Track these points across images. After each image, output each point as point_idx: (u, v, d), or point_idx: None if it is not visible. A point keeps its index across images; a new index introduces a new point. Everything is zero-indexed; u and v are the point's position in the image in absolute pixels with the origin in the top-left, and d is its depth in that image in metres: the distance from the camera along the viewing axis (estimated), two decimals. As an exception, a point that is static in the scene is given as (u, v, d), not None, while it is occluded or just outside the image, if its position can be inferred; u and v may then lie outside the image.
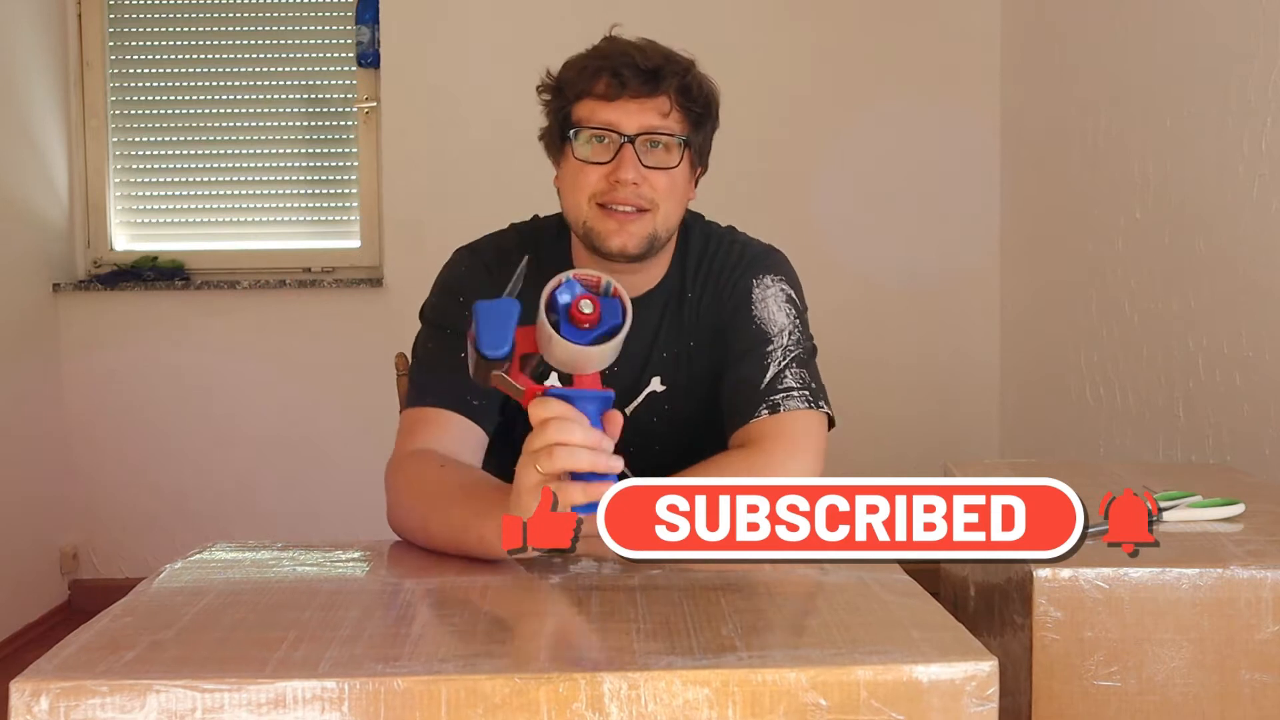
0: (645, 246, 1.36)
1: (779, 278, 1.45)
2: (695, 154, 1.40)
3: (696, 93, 1.36)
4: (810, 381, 1.37)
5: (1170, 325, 2.46)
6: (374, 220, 3.54)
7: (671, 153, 1.36)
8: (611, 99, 1.33)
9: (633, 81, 1.32)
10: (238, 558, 1.16)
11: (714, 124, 1.42)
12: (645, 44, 1.37)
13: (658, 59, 1.34)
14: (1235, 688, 1.15)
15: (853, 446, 3.56)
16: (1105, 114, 2.79)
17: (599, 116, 1.34)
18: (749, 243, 1.50)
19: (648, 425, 1.45)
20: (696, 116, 1.37)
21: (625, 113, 1.34)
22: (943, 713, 0.82)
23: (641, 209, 1.35)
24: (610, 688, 0.81)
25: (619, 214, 1.34)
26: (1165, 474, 1.64)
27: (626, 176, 1.33)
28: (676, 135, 1.35)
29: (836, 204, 3.49)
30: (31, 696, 0.80)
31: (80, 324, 3.44)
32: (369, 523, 1.45)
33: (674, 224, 1.39)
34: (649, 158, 1.34)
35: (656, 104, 1.34)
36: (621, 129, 1.33)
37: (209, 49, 3.54)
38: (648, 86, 1.33)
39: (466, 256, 1.48)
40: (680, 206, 1.40)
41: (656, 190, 1.35)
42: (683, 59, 1.37)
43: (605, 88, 1.33)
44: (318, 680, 0.80)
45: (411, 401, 1.39)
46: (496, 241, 1.50)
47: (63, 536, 3.44)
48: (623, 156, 1.33)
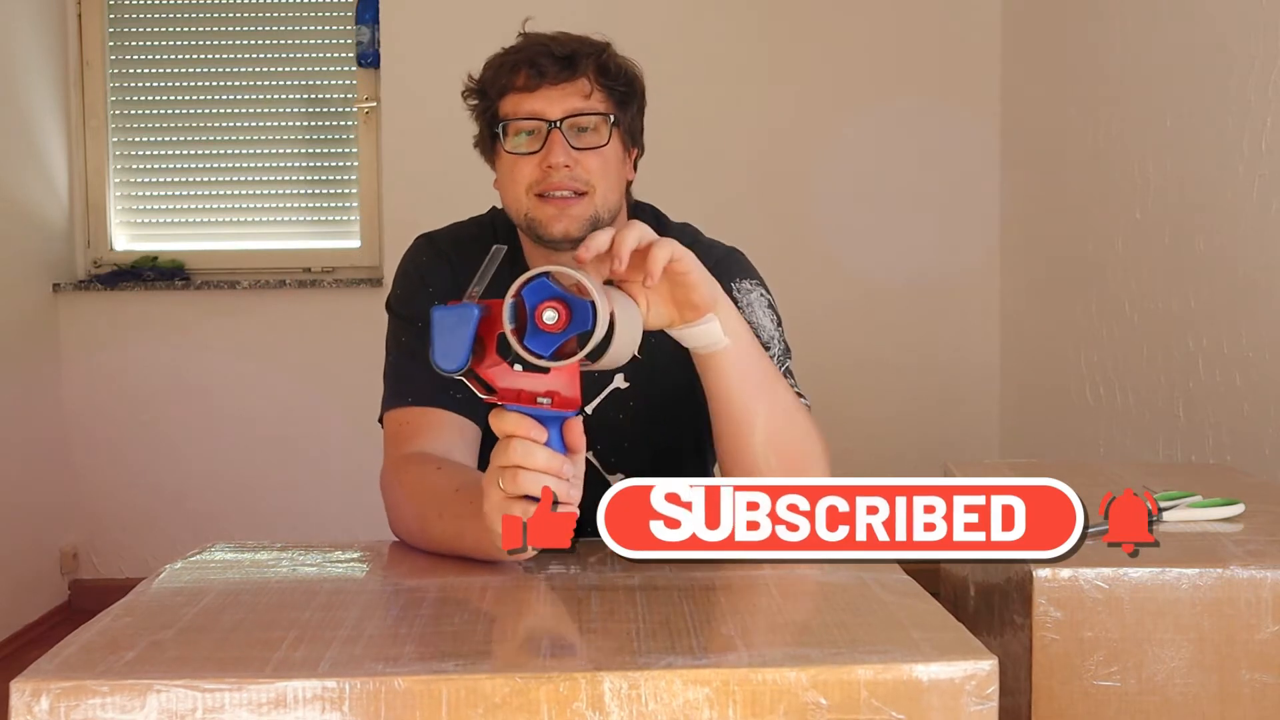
0: (588, 229, 1.34)
1: (756, 282, 1.44)
2: (625, 133, 1.40)
3: (615, 71, 1.37)
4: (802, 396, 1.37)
5: (1170, 325, 2.46)
6: (374, 220, 3.54)
7: (600, 132, 1.36)
8: (532, 89, 1.34)
9: (550, 69, 1.34)
10: (237, 558, 1.16)
11: (640, 102, 1.42)
12: (558, 34, 1.38)
13: (572, 44, 1.36)
14: (1235, 688, 1.15)
15: (853, 446, 3.57)
16: (1105, 114, 2.79)
17: (523, 108, 1.35)
18: (713, 244, 1.48)
19: (614, 422, 1.43)
20: (620, 95, 1.38)
21: (548, 100, 1.34)
22: (943, 712, 0.82)
23: (579, 192, 1.34)
24: (610, 687, 0.81)
25: (556, 199, 1.34)
26: (1165, 474, 1.64)
27: (558, 160, 1.32)
28: (602, 113, 1.36)
29: (836, 204, 3.49)
30: (32, 696, 0.80)
31: (80, 324, 3.44)
32: (369, 523, 1.45)
33: (613, 203, 1.38)
34: (578, 140, 1.35)
35: (577, 86, 1.35)
36: (546, 116, 1.34)
37: (209, 49, 3.54)
38: (566, 71, 1.34)
39: (426, 245, 1.48)
40: (617, 186, 1.39)
41: (590, 171, 1.35)
42: (597, 41, 1.38)
43: (525, 79, 1.34)
44: (318, 680, 0.80)
45: (391, 401, 1.37)
46: (455, 232, 1.49)
47: (63, 536, 3.44)
48: (551, 142, 1.33)
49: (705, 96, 3.39)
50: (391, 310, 1.45)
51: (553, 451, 0.97)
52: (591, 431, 1.38)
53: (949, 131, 3.52)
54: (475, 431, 1.36)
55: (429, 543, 1.19)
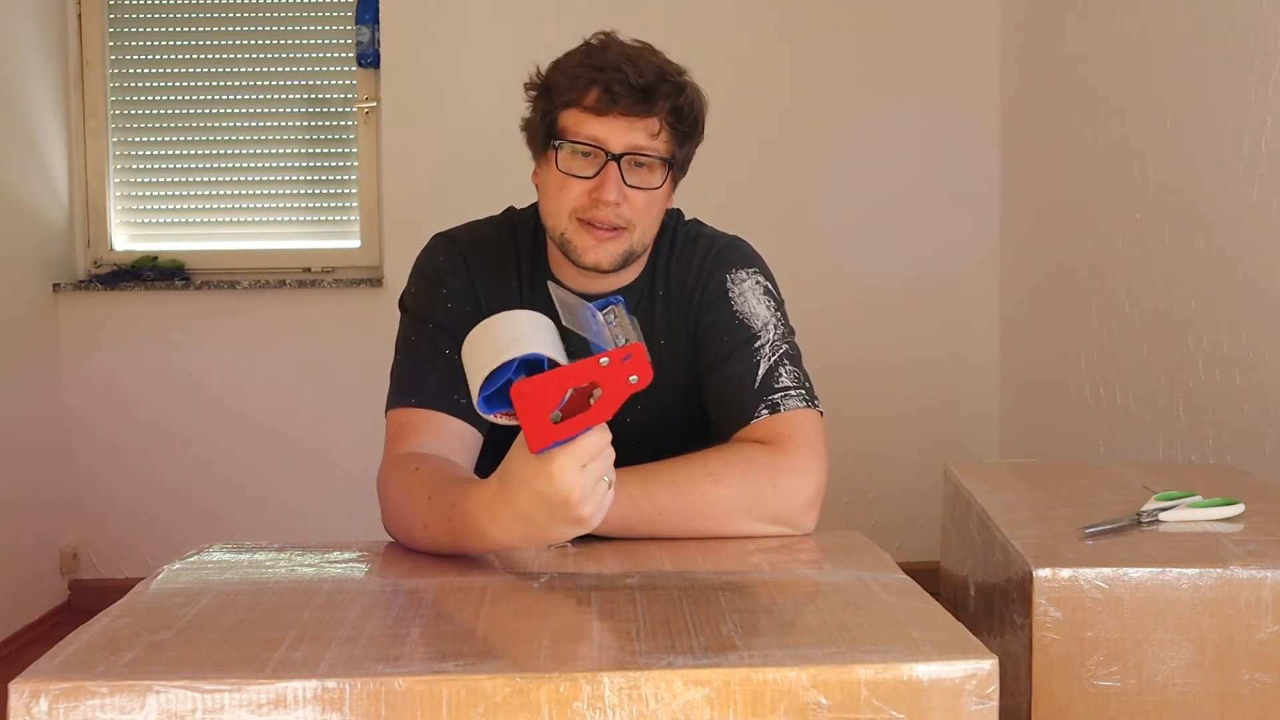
0: (619, 263, 1.35)
1: (753, 270, 1.43)
2: (678, 169, 1.38)
3: (688, 112, 1.33)
4: (804, 380, 1.36)
5: (1170, 325, 2.46)
6: (374, 220, 3.54)
7: (655, 173, 1.33)
8: (601, 114, 1.30)
9: (624, 98, 1.29)
10: (235, 559, 1.15)
11: (700, 138, 1.39)
12: (639, 54, 1.32)
13: (651, 75, 1.30)
14: (1235, 688, 1.15)
15: (853, 446, 3.58)
16: (1105, 114, 2.79)
17: (586, 131, 1.31)
18: (715, 235, 1.48)
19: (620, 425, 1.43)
20: (684, 135, 1.35)
21: (614, 129, 1.30)
22: (943, 711, 0.82)
23: (619, 227, 1.33)
24: (611, 687, 0.81)
25: (598, 231, 1.32)
26: (1165, 474, 1.63)
27: (609, 197, 1.30)
28: (663, 156, 1.33)
29: (837, 204, 3.49)
30: (30, 698, 0.79)
31: (80, 324, 3.45)
32: (369, 523, 1.45)
33: (649, 239, 1.38)
34: (632, 176, 1.32)
35: (646, 124, 1.31)
36: (608, 146, 1.30)
37: (209, 49, 3.54)
38: (640, 106, 1.29)
39: (443, 244, 1.45)
40: (657, 222, 1.38)
41: (635, 210, 1.33)
42: (676, 75, 1.33)
43: (595, 100, 1.29)
44: (319, 680, 0.80)
45: (395, 400, 1.36)
46: (473, 231, 1.47)
47: (63, 536, 3.44)
48: (606, 175, 1.30)
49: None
50: (404, 309, 1.44)
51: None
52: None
53: (949, 131, 3.53)
54: (476, 438, 1.36)
55: (428, 539, 1.19)
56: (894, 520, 3.57)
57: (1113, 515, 1.33)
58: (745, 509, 1.22)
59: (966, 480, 1.56)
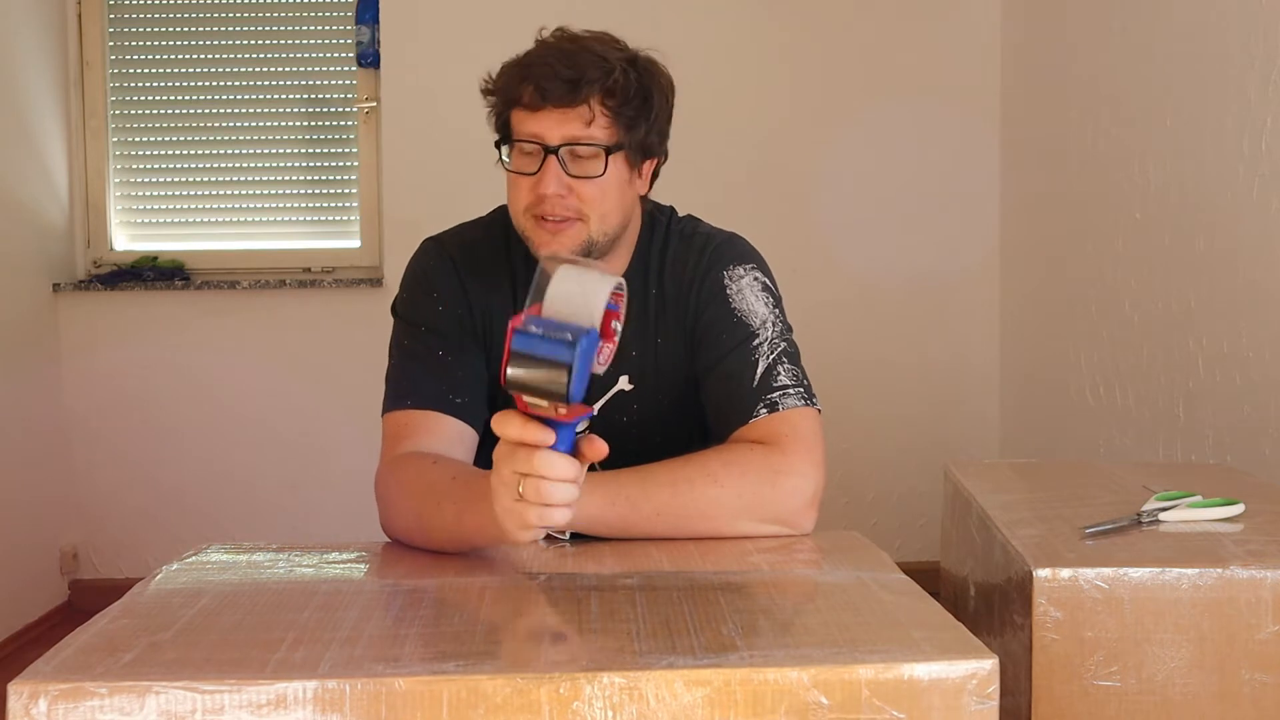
0: (581, 252, 1.35)
1: (751, 266, 1.43)
2: (634, 153, 1.37)
3: (624, 95, 1.33)
4: (803, 378, 1.36)
5: (1170, 325, 2.46)
6: (374, 220, 3.54)
7: (597, 161, 1.33)
8: (535, 109, 1.32)
9: (554, 91, 1.30)
10: (234, 559, 1.15)
11: (657, 116, 1.38)
12: (574, 47, 1.34)
13: (581, 66, 1.31)
14: (1235, 688, 1.15)
15: (853, 446, 3.58)
16: (1105, 114, 2.79)
17: (525, 128, 1.33)
18: (711, 232, 1.48)
19: (618, 424, 1.43)
20: (628, 118, 1.34)
21: (548, 123, 1.32)
22: (944, 711, 0.82)
23: (570, 218, 1.33)
24: (612, 688, 0.81)
25: (549, 224, 1.34)
26: (1165, 474, 1.63)
27: (548, 190, 1.32)
28: (600, 144, 1.33)
29: (836, 204, 3.49)
30: (30, 698, 0.79)
31: (80, 324, 3.44)
32: (369, 523, 1.45)
33: (611, 227, 1.37)
34: (575, 167, 1.33)
35: (578, 113, 1.32)
36: (545, 140, 1.32)
37: (209, 49, 3.54)
38: (568, 96, 1.31)
39: (433, 249, 1.47)
40: (617, 210, 1.37)
41: (584, 199, 1.33)
42: (611, 60, 1.33)
43: (529, 97, 1.32)
44: (319, 680, 0.80)
45: (391, 404, 1.38)
46: (461, 235, 1.49)
47: (63, 536, 3.44)
48: (545, 169, 1.32)
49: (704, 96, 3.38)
50: (396, 314, 1.45)
51: (571, 459, 1.00)
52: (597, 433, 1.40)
53: (949, 131, 3.52)
54: (473, 437, 1.37)
55: (425, 533, 1.20)
56: (894, 520, 3.57)
57: (1113, 515, 1.33)
58: (744, 509, 1.22)
59: (966, 480, 1.56)
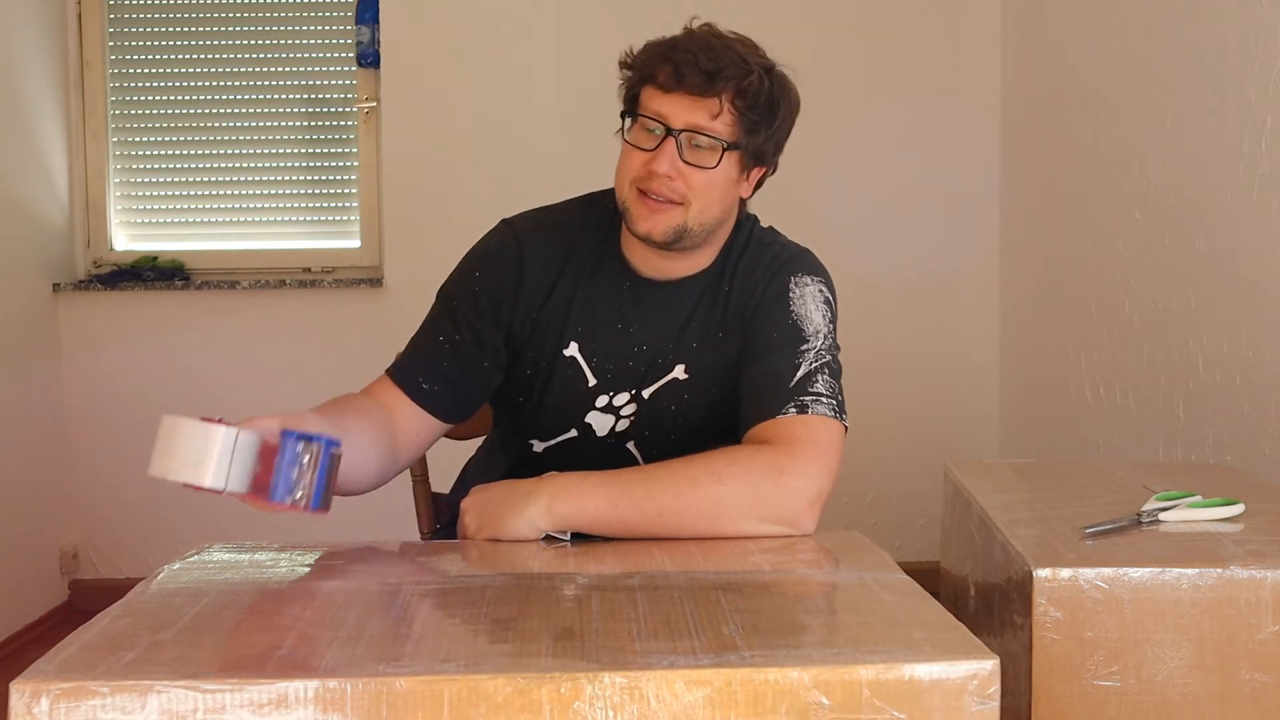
0: (671, 237, 1.39)
1: (817, 278, 1.48)
2: (748, 156, 1.41)
3: (754, 99, 1.38)
4: (838, 393, 1.39)
5: (1170, 325, 2.46)
6: (374, 220, 3.54)
7: (713, 153, 1.38)
8: (668, 90, 1.37)
9: (690, 78, 1.35)
10: (235, 559, 1.16)
11: (778, 127, 1.43)
12: (719, 43, 1.39)
13: (721, 61, 1.36)
14: (1235, 688, 1.15)
15: (853, 446, 3.54)
16: (1105, 114, 2.79)
17: (652, 106, 1.38)
18: (787, 243, 1.54)
19: (665, 413, 1.48)
20: (752, 122, 1.39)
21: (677, 106, 1.37)
22: (945, 711, 0.82)
23: (673, 201, 1.38)
24: (612, 688, 0.81)
25: (651, 201, 1.38)
26: (1165, 474, 1.63)
27: (660, 169, 1.36)
28: (720, 138, 1.37)
29: (836, 203, 3.49)
30: (31, 698, 0.79)
31: (80, 324, 3.44)
32: (370, 523, 1.45)
33: (709, 220, 1.41)
34: (690, 154, 1.37)
35: (708, 104, 1.36)
36: (669, 122, 1.37)
37: (209, 49, 3.54)
38: (702, 86, 1.35)
39: (502, 229, 1.51)
40: (719, 205, 1.42)
41: (690, 186, 1.37)
42: (750, 63, 1.38)
43: (665, 78, 1.37)
44: (320, 680, 0.80)
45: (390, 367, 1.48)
46: (540, 217, 1.52)
47: (63, 536, 3.44)
48: (663, 148, 1.37)
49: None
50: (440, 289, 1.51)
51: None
52: (641, 417, 1.44)
53: (949, 131, 3.52)
54: (426, 424, 1.44)
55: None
56: (894, 520, 3.57)
57: (1113, 515, 1.33)
58: (747, 509, 1.23)
59: (966, 480, 1.56)
